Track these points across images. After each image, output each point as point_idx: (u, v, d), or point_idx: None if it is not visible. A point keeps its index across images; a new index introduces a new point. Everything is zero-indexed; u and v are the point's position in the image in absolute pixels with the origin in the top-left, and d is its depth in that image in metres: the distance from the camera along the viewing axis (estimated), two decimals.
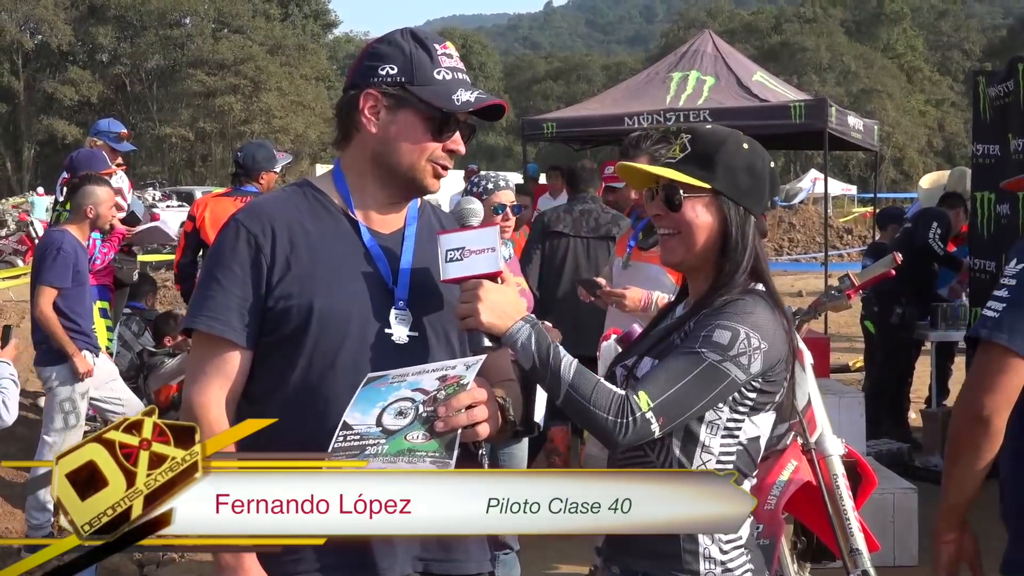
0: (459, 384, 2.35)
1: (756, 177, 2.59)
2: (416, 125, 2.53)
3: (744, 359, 2.42)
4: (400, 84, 2.52)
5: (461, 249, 2.45)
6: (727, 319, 2.46)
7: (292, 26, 72.68)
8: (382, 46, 2.58)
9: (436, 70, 2.53)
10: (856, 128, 13.63)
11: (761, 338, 2.45)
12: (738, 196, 2.57)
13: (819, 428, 4.34)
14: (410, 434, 2.30)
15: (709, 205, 2.56)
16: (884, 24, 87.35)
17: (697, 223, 2.57)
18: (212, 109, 59.55)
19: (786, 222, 32.01)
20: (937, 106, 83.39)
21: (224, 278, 2.50)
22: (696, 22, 75.11)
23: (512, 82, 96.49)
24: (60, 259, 6.58)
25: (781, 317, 2.54)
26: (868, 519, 4.45)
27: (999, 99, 8.06)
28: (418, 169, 2.56)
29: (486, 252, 2.43)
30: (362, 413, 2.34)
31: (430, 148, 2.54)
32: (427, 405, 2.33)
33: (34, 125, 60.84)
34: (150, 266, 15.67)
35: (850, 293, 4.71)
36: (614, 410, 2.34)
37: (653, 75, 14.23)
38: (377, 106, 2.54)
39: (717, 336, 2.43)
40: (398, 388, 2.37)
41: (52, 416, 6.65)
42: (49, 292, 6.58)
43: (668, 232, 2.61)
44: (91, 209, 6.82)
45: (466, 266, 2.44)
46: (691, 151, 2.59)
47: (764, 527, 3.99)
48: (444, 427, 2.28)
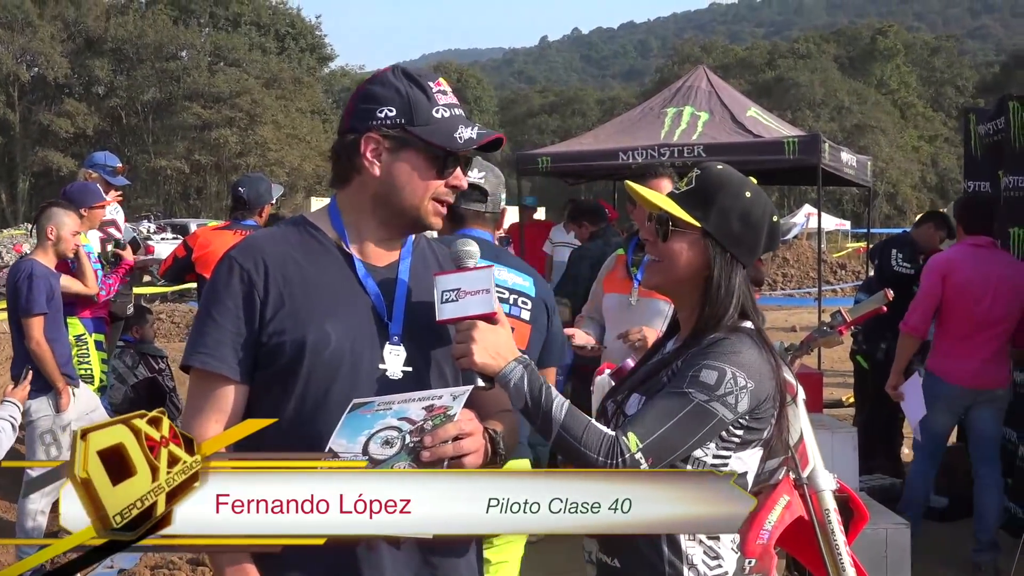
0: (446, 415, 2.36)
1: (750, 226, 2.60)
2: (419, 165, 2.55)
3: (731, 398, 2.44)
4: (400, 126, 2.53)
5: (457, 290, 2.47)
6: (714, 359, 2.47)
7: (288, 60, 73.01)
8: (375, 87, 2.58)
9: (435, 108, 2.54)
10: (850, 164, 13.67)
11: (748, 377, 2.46)
12: (727, 241, 2.58)
13: (811, 463, 4.33)
14: (397, 464, 2.31)
15: (695, 243, 2.59)
16: (878, 60, 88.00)
17: (680, 258, 2.60)
18: (208, 142, 59.76)
19: (780, 257, 32.09)
20: (930, 142, 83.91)
21: (219, 314, 2.52)
22: (690, 57, 75.55)
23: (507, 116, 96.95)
24: (34, 286, 6.50)
25: (768, 355, 2.55)
26: (860, 554, 4.44)
27: (988, 136, 8.10)
28: (422, 208, 2.57)
29: (480, 293, 2.46)
30: (348, 440, 2.35)
31: (433, 186, 2.56)
32: (414, 435, 2.34)
33: (29, 157, 60.96)
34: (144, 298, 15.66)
35: (841, 329, 4.72)
36: (604, 451, 2.36)
37: (647, 110, 14.27)
38: (379, 149, 2.55)
39: (704, 376, 2.44)
40: (384, 416, 2.38)
41: (34, 449, 6.57)
42: (38, 321, 6.51)
43: (654, 258, 2.66)
44: (51, 230, 6.74)
45: (461, 307, 2.46)
46: (694, 187, 2.62)
47: (756, 562, 3.99)
48: (430, 457, 2.30)
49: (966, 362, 6.71)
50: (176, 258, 7.64)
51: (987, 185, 8.17)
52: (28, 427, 6.59)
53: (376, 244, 2.63)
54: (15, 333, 6.72)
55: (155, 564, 6.94)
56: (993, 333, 6.71)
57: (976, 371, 6.72)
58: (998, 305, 6.66)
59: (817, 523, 4.28)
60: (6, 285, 7.03)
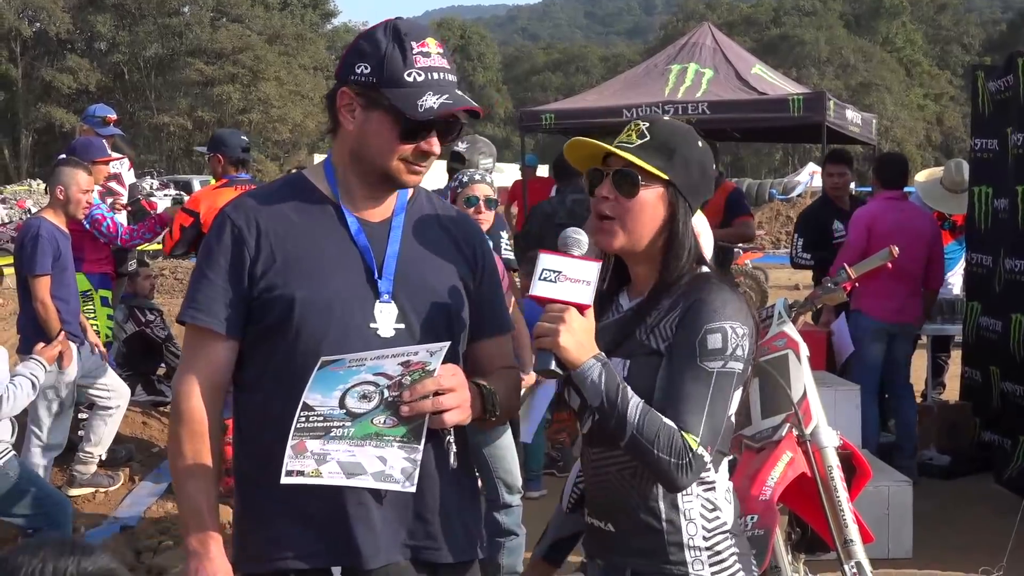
0: (424, 370, 2.35)
1: (706, 175, 2.60)
2: (386, 127, 2.51)
3: (740, 351, 2.44)
4: (372, 85, 2.50)
5: (558, 273, 2.40)
6: (708, 319, 2.45)
7: (291, 15, 72.56)
8: (364, 42, 2.55)
9: (407, 72, 2.48)
10: (854, 122, 13.61)
11: (742, 323, 2.46)
12: (687, 191, 2.56)
13: (814, 420, 4.34)
14: (376, 418, 2.31)
15: (661, 197, 2.54)
16: (883, 17, 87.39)
17: (646, 213, 2.53)
18: (210, 98, 59.48)
19: (784, 215, 32.05)
20: (936, 100, 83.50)
21: (211, 270, 2.54)
22: (695, 14, 75.13)
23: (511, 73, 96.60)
24: (39, 246, 6.52)
25: (737, 292, 2.55)
26: (863, 512, 4.45)
27: (999, 93, 8.06)
28: (391, 168, 2.54)
29: (582, 283, 2.39)
30: (322, 395, 2.35)
31: (400, 150, 2.52)
32: (392, 390, 2.33)
33: (32, 113, 60.71)
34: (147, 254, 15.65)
35: (846, 286, 4.72)
36: (676, 454, 2.35)
37: (652, 67, 14.20)
38: (352, 104, 2.53)
39: (711, 342, 2.43)
40: (357, 372, 2.37)
41: (35, 404, 6.57)
42: (44, 281, 6.54)
43: (610, 216, 2.55)
44: (60, 190, 6.76)
45: (559, 289, 2.39)
46: (649, 139, 2.54)
47: (759, 518, 4.00)
48: (409, 412, 2.31)
49: (890, 300, 7.72)
50: (183, 228, 7.37)
51: (995, 143, 8.16)
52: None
53: (366, 199, 2.62)
54: (21, 289, 6.74)
55: (158, 519, 6.97)
56: (909, 275, 7.66)
57: (898, 308, 7.79)
58: (912, 250, 7.43)
59: (820, 480, 4.29)
60: (15, 246, 7.04)
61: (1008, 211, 7.83)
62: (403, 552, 2.52)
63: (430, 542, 2.55)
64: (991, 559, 5.81)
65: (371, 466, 2.29)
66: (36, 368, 5.32)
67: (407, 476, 2.29)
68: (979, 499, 7.34)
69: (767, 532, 3.99)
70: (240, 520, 2.61)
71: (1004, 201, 7.91)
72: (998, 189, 8.07)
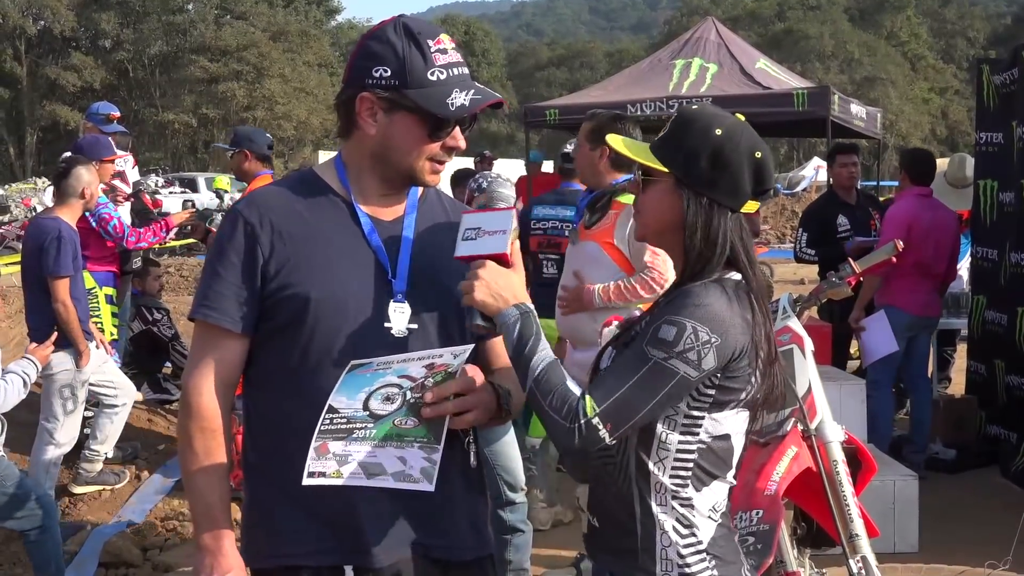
0: (447, 372, 2.36)
1: (722, 166, 2.41)
2: (412, 128, 2.51)
3: (692, 355, 2.30)
4: (395, 87, 2.48)
5: (477, 229, 2.43)
6: (674, 312, 2.35)
7: (295, 12, 72.57)
8: (375, 43, 2.53)
9: (430, 71, 2.48)
10: (859, 116, 13.60)
11: (711, 331, 2.32)
12: (699, 184, 2.42)
13: (819, 414, 4.33)
14: (398, 419, 2.32)
15: (670, 191, 2.46)
16: (888, 12, 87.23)
17: (652, 207, 2.50)
18: (215, 95, 59.52)
19: (789, 210, 32.00)
20: (941, 94, 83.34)
21: (222, 268, 2.52)
22: (699, 9, 74.97)
23: (515, 69, 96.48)
24: (63, 248, 6.51)
25: (743, 308, 2.40)
26: (868, 506, 4.45)
27: (1004, 87, 8.06)
28: (416, 168, 2.55)
29: (497, 234, 2.41)
30: (348, 397, 2.36)
31: (428, 148, 2.53)
32: (415, 392, 2.34)
33: (37, 111, 60.74)
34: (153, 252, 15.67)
35: (850, 280, 4.71)
36: (565, 414, 2.29)
37: (656, 62, 14.20)
38: (374, 109, 2.52)
39: (663, 332, 2.32)
40: (383, 375, 2.38)
41: (51, 402, 6.65)
42: (64, 284, 6.53)
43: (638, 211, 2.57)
44: (87, 191, 6.80)
45: (477, 245, 2.42)
46: (666, 132, 2.49)
47: (764, 512, 4.00)
48: (431, 413, 2.31)
49: (917, 296, 7.76)
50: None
51: (999, 136, 8.16)
52: (47, 379, 6.64)
53: (380, 198, 2.61)
54: (32, 288, 6.70)
55: (164, 516, 6.99)
56: (935, 270, 7.81)
57: (925, 302, 7.85)
58: (939, 246, 7.76)
59: (825, 474, 4.29)
60: (22, 242, 7.03)
61: (1014, 204, 7.83)
62: (415, 549, 2.51)
63: (441, 540, 2.54)
64: (998, 553, 5.80)
65: (391, 466, 2.30)
66: (28, 366, 5.32)
67: (427, 476, 2.28)
68: (985, 493, 7.33)
69: (772, 527, 3.99)
70: (248, 514, 2.61)
71: (1010, 194, 7.91)
72: (1003, 183, 8.07)
